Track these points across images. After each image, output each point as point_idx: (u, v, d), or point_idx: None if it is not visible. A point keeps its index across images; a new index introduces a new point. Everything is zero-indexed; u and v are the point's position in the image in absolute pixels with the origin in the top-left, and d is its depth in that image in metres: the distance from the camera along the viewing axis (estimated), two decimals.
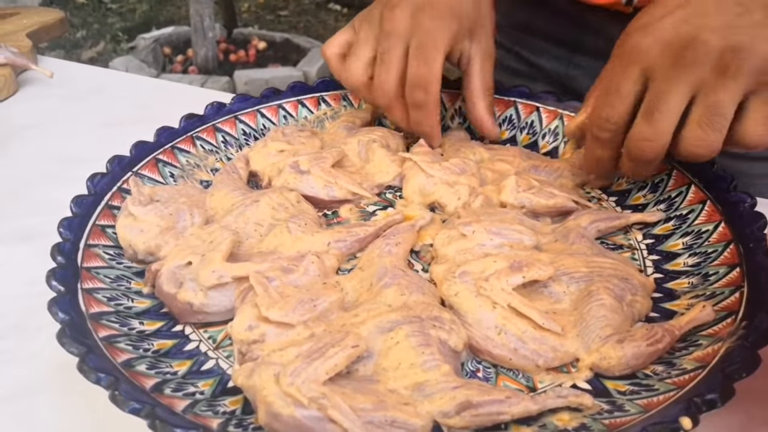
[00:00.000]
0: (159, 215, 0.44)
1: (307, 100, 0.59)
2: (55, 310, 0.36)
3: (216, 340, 0.39)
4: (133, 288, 0.42)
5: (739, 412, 0.35)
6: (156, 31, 2.95)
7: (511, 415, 0.33)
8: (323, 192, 0.49)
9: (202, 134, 0.54)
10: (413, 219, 0.47)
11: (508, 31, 0.71)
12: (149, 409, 0.30)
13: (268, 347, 0.35)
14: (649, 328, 0.36)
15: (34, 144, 0.63)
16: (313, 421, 0.31)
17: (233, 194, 0.47)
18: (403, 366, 0.34)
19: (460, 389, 0.33)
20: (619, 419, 0.32)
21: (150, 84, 0.78)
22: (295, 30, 3.21)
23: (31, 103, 0.69)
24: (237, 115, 0.56)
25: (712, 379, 0.33)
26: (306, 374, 0.31)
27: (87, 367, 0.32)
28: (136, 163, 0.49)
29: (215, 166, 0.53)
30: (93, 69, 0.80)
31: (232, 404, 0.34)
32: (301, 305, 0.36)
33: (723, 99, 0.39)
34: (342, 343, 0.33)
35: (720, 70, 0.39)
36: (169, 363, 0.36)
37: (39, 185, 0.57)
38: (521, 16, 0.69)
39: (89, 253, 0.42)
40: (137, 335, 0.38)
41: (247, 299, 0.38)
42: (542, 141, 0.56)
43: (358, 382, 0.34)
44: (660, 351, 0.36)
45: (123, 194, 0.47)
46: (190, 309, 0.39)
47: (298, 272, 0.39)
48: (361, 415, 0.31)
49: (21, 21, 0.80)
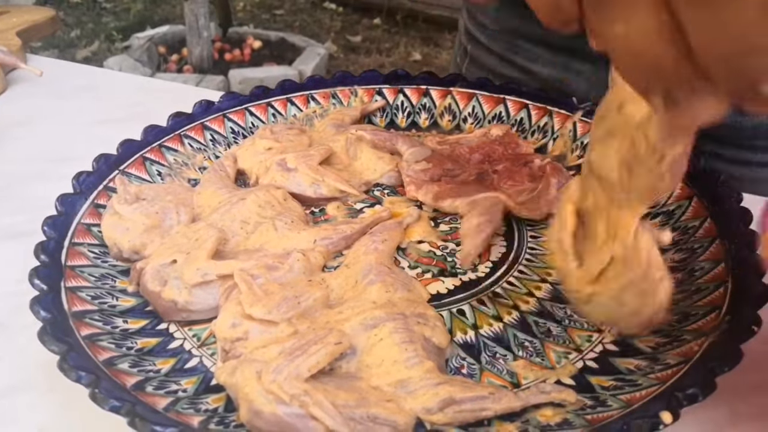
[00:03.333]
0: (145, 213, 0.44)
1: (296, 98, 0.59)
2: (37, 308, 0.35)
3: (200, 338, 0.39)
4: (118, 286, 0.41)
5: (724, 407, 0.35)
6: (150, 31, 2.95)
7: (494, 411, 0.33)
8: (310, 190, 0.49)
9: (190, 132, 0.54)
10: (400, 216, 0.47)
11: (501, 37, 0.70)
12: (129, 407, 0.30)
13: (252, 345, 0.35)
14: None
15: (23, 142, 0.62)
16: (294, 418, 0.31)
17: (220, 192, 0.47)
18: (386, 363, 0.34)
19: (443, 386, 0.33)
20: (601, 414, 0.32)
21: (141, 83, 0.78)
22: (291, 29, 3.21)
23: (20, 101, 0.69)
24: (225, 114, 0.56)
25: (694, 373, 0.33)
26: (288, 371, 0.31)
27: (67, 365, 0.32)
28: (123, 161, 0.49)
29: (203, 165, 0.53)
30: (83, 67, 0.79)
31: (215, 402, 0.34)
32: (285, 302, 0.36)
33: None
34: (324, 340, 0.33)
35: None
36: (153, 361, 0.36)
37: (28, 183, 0.56)
38: (513, 22, 0.69)
39: (74, 252, 0.42)
40: (120, 333, 0.38)
41: (231, 297, 0.38)
42: (531, 138, 0.56)
43: (341, 379, 0.34)
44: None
45: (109, 193, 0.46)
46: (174, 307, 0.39)
47: (283, 269, 0.39)
48: (343, 411, 0.31)
49: (11, 19, 0.80)
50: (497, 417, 0.33)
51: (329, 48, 2.98)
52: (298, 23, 3.30)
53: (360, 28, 3.24)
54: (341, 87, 0.59)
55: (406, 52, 3.02)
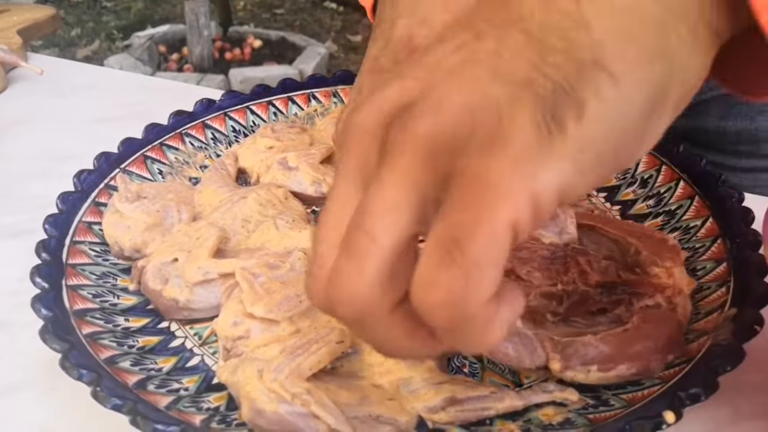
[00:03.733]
0: (146, 212, 0.44)
1: (297, 96, 0.59)
2: (38, 306, 0.35)
3: (202, 337, 0.39)
4: (119, 285, 0.41)
5: (726, 406, 0.35)
6: (151, 30, 2.95)
7: (496, 410, 0.33)
8: (311, 188, 0.49)
9: (191, 131, 0.54)
10: None
11: None
12: (131, 405, 0.30)
13: (253, 343, 0.35)
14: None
15: (24, 141, 0.62)
16: (296, 417, 0.31)
17: (221, 191, 0.47)
18: (388, 362, 0.34)
19: (445, 385, 0.33)
20: (603, 414, 0.32)
21: (141, 82, 0.78)
22: (291, 28, 3.20)
23: (20, 100, 0.69)
24: (226, 112, 0.56)
25: (696, 373, 0.33)
26: (289, 370, 0.31)
27: (69, 363, 0.32)
28: (124, 159, 0.49)
29: (204, 163, 0.53)
30: (83, 66, 0.79)
31: (217, 400, 0.34)
32: (287, 301, 0.36)
33: (367, 198, 0.22)
34: (326, 339, 0.33)
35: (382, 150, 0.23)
36: (154, 359, 0.36)
37: (28, 181, 0.56)
38: None
39: (75, 250, 0.42)
40: (122, 332, 0.38)
41: (232, 295, 0.38)
42: None
43: (343, 377, 0.34)
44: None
45: (110, 191, 0.46)
46: (175, 305, 0.39)
47: (284, 268, 0.39)
48: (346, 410, 0.31)
49: (11, 18, 0.79)
50: (499, 416, 0.33)
51: (330, 47, 2.98)
52: (299, 22, 3.30)
53: (360, 27, 3.24)
54: (342, 86, 0.59)
55: None
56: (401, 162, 0.22)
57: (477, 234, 0.20)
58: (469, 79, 0.22)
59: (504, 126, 0.21)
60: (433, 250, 0.21)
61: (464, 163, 0.21)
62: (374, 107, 0.23)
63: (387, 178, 0.22)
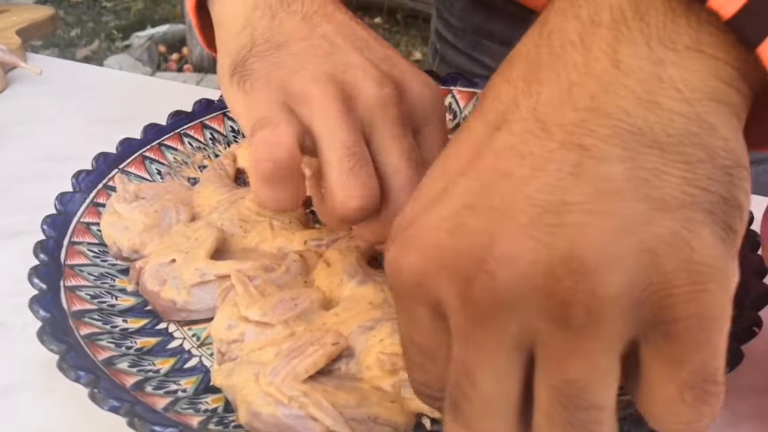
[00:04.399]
0: (144, 212, 0.44)
1: None
2: (36, 307, 0.35)
3: (200, 338, 0.39)
4: (117, 285, 0.41)
5: (724, 408, 0.35)
6: (151, 30, 2.95)
7: None
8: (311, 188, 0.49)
9: (190, 131, 0.54)
10: None
11: (465, 36, 0.69)
12: (128, 406, 0.30)
13: (248, 347, 0.35)
14: None
15: (23, 141, 0.62)
16: (294, 419, 0.31)
17: (220, 191, 0.47)
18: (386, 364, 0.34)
19: None
20: None
21: (141, 82, 0.78)
22: None
23: (19, 100, 0.69)
24: (225, 112, 0.56)
25: None
26: (285, 373, 0.31)
27: (67, 364, 0.32)
28: (123, 160, 0.49)
29: (203, 164, 0.53)
30: (83, 66, 0.79)
31: (214, 402, 0.34)
32: (282, 304, 0.36)
33: (576, 372, 0.21)
34: (321, 341, 0.33)
35: (556, 316, 0.20)
36: (152, 361, 0.36)
37: (27, 182, 0.56)
38: (477, 20, 0.67)
39: (73, 251, 0.42)
40: (120, 333, 0.38)
41: (228, 298, 0.38)
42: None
43: (341, 379, 0.34)
44: None
45: (108, 192, 0.46)
46: (173, 307, 0.39)
47: (279, 271, 0.39)
48: (344, 412, 0.31)
49: (10, 18, 0.79)
50: None
51: None
52: None
53: None
54: None
55: (406, 51, 3.02)
56: (605, 331, 0.21)
57: (721, 361, 0.22)
58: (630, 226, 0.20)
59: (699, 255, 0.21)
60: (676, 394, 0.23)
61: (676, 304, 0.21)
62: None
63: (594, 348, 0.21)
